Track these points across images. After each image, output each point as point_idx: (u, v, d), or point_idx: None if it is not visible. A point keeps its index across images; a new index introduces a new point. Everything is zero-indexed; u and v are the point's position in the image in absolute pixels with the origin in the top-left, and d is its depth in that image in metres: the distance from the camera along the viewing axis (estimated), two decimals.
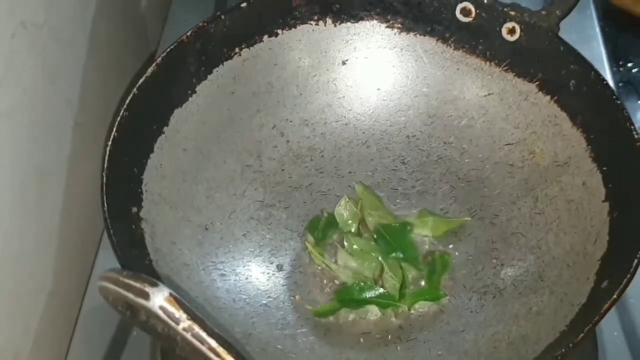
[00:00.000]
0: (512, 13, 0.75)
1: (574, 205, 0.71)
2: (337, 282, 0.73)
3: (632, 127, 0.67)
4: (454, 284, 0.72)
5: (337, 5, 0.79)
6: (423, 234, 0.76)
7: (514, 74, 0.76)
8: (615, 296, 0.59)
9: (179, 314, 0.52)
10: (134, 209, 0.68)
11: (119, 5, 0.93)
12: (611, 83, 0.80)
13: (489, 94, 0.78)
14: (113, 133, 0.68)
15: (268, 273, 0.74)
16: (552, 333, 0.62)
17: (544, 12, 0.74)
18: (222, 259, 0.73)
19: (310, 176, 0.80)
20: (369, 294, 0.71)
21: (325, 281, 0.74)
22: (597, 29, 0.98)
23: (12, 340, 0.66)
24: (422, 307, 0.71)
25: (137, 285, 0.53)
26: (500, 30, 0.75)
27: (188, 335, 0.52)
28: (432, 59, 0.80)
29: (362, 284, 0.71)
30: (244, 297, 0.71)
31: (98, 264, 0.82)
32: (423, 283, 0.73)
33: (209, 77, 0.76)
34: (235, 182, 0.77)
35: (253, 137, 0.79)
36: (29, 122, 0.69)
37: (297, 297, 0.73)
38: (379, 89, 0.82)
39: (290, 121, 0.81)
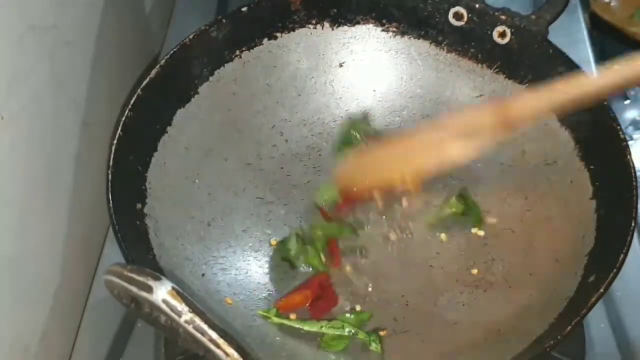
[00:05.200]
0: (503, 17, 0.76)
1: (562, 203, 0.73)
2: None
3: (618, 127, 0.69)
4: (446, 277, 0.74)
5: (335, 10, 0.80)
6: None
7: (504, 75, 0.78)
8: (602, 290, 0.61)
9: (181, 306, 0.54)
10: (139, 205, 0.70)
11: (124, 9, 0.94)
12: None
13: (481, 95, 0.80)
14: (118, 132, 0.69)
15: (267, 267, 0.75)
16: (542, 325, 0.64)
17: (533, 17, 0.75)
18: (223, 253, 0.74)
19: (308, 174, 0.81)
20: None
21: None
22: (585, 32, 0.99)
23: (21, 332, 0.68)
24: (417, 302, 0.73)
25: (141, 279, 0.55)
26: (492, 34, 0.77)
27: (190, 327, 0.54)
28: (426, 61, 0.81)
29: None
30: (244, 290, 0.73)
31: (104, 258, 0.82)
32: None
33: (211, 78, 0.78)
34: (236, 179, 0.79)
35: (253, 136, 0.81)
36: (38, 122, 0.70)
37: None
38: (374, 90, 0.83)
39: (289, 121, 0.82)
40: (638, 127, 0.97)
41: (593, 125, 0.71)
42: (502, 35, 0.77)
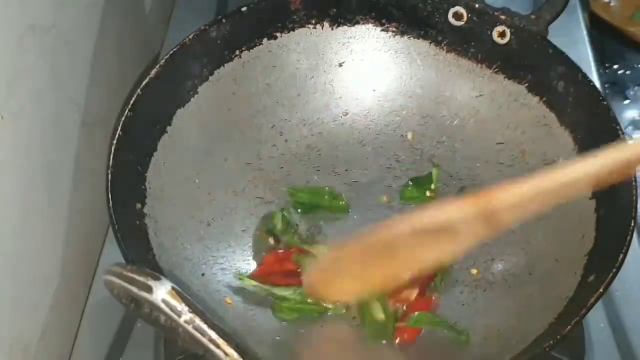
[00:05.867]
0: (503, 17, 0.76)
1: (562, 203, 0.72)
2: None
3: (618, 127, 0.69)
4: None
5: (335, 10, 0.80)
6: None
7: (504, 76, 0.78)
8: (602, 290, 0.61)
9: (181, 307, 0.54)
10: (139, 206, 0.70)
11: (124, 9, 0.94)
12: (598, 84, 0.80)
13: (480, 95, 0.80)
14: (118, 132, 0.69)
15: None
16: (541, 325, 0.64)
17: (533, 17, 0.75)
18: (223, 254, 0.74)
19: (308, 174, 0.81)
20: None
21: None
22: (585, 33, 0.99)
23: (21, 332, 0.68)
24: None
25: (141, 279, 0.55)
26: (491, 34, 0.77)
27: (190, 328, 0.54)
28: (426, 61, 0.81)
29: None
30: (244, 290, 0.72)
31: (104, 258, 0.82)
32: None
33: (211, 78, 0.78)
34: (236, 179, 0.79)
35: (253, 136, 0.81)
36: (38, 122, 0.70)
37: None
38: (374, 90, 0.83)
39: (289, 121, 0.82)
40: (638, 127, 0.97)
41: (593, 125, 0.71)
42: (502, 35, 0.76)
